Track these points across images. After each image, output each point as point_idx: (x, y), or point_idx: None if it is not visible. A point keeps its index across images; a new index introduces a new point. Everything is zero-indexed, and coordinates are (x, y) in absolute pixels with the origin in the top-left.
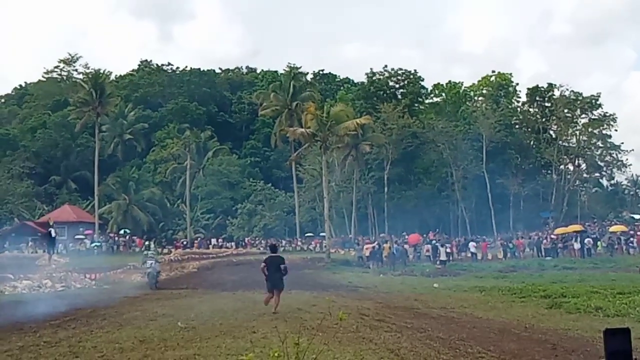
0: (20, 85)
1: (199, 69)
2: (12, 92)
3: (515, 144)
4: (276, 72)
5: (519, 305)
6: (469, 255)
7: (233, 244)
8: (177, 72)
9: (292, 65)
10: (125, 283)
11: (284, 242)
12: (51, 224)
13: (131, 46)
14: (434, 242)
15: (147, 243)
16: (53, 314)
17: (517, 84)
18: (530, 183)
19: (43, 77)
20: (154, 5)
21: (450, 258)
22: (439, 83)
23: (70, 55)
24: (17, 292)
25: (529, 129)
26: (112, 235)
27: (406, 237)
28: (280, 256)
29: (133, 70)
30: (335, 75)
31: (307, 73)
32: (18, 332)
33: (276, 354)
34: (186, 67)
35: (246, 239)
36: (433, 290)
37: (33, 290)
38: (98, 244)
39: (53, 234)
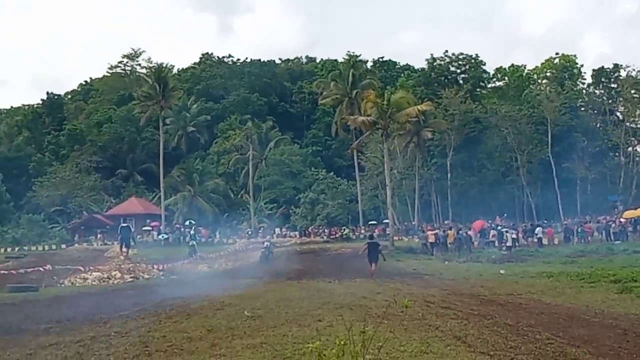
0: (86, 81)
1: (259, 60)
2: (78, 88)
3: (581, 127)
4: (336, 60)
5: (588, 291)
6: (535, 240)
7: (296, 233)
8: (238, 63)
9: (352, 54)
10: (192, 273)
11: (346, 230)
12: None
13: (192, 39)
14: (499, 227)
15: (187, 222)
16: (122, 304)
17: (582, 65)
18: (598, 166)
19: (107, 72)
20: None
21: (517, 244)
22: (501, 67)
23: (133, 50)
24: (87, 284)
25: (595, 111)
26: (178, 226)
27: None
28: (377, 242)
29: (195, 64)
30: (395, 62)
31: (367, 61)
32: (89, 323)
33: (342, 342)
34: (247, 58)
35: (309, 228)
36: (499, 277)
37: (102, 281)
38: (165, 235)
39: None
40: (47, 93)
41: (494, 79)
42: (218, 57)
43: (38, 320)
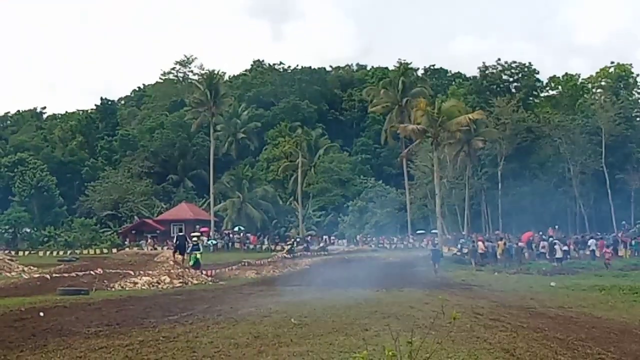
0: (139, 87)
1: (310, 67)
2: (131, 94)
3: (636, 137)
4: (386, 68)
5: None
6: (588, 253)
7: (345, 241)
8: (289, 71)
9: (403, 61)
10: (240, 279)
11: (395, 239)
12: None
13: (244, 46)
14: (551, 239)
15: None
16: (171, 309)
17: (638, 75)
18: None
19: (160, 78)
20: (266, 5)
21: (568, 256)
22: (554, 76)
23: (185, 56)
24: (137, 288)
25: None
26: (227, 232)
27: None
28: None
29: (246, 70)
30: (447, 70)
31: (418, 69)
32: (138, 327)
33: (391, 353)
34: (297, 65)
35: (358, 236)
36: (550, 289)
37: (152, 286)
38: (214, 241)
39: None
40: (101, 98)
41: (547, 88)
42: (269, 64)
43: (88, 323)
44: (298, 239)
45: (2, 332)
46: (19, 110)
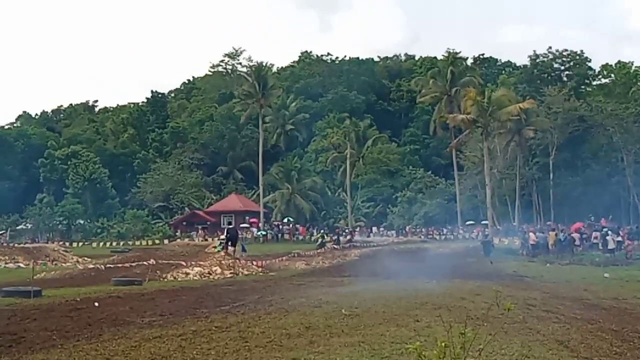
0: (189, 80)
1: (358, 57)
2: (181, 86)
3: None
4: (435, 58)
5: None
6: None
7: (394, 232)
8: (337, 62)
9: (451, 51)
10: (290, 270)
11: (444, 230)
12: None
13: (292, 38)
14: (604, 229)
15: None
16: (223, 300)
17: None
18: None
19: (209, 71)
20: None
21: (621, 247)
22: (607, 64)
23: (234, 49)
24: (188, 279)
25: None
26: (276, 223)
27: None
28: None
29: (294, 62)
30: (496, 59)
31: (467, 58)
32: (191, 317)
33: (443, 344)
34: (345, 56)
35: (407, 227)
36: (604, 280)
37: (203, 276)
38: (264, 232)
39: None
40: (152, 91)
41: (600, 76)
42: (317, 55)
43: (142, 313)
44: (346, 230)
45: (59, 321)
46: (71, 104)
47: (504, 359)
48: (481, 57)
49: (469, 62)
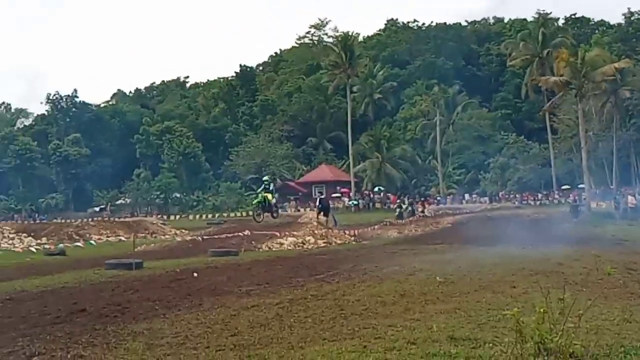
0: (276, 53)
1: (445, 23)
2: (269, 59)
3: None
4: (525, 20)
5: None
6: None
7: (486, 198)
8: (424, 28)
9: (542, 12)
10: (383, 238)
11: (539, 195)
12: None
13: (377, 6)
14: None
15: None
16: (317, 269)
17: None
18: None
19: (296, 43)
20: None
21: None
22: None
23: (320, 20)
24: (283, 249)
25: None
26: (367, 192)
27: None
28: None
29: (380, 30)
30: (589, 19)
31: (558, 18)
32: (287, 286)
33: (542, 310)
34: (432, 22)
35: (500, 193)
36: None
37: (297, 246)
38: (355, 201)
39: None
40: (240, 65)
41: None
42: (403, 22)
43: (239, 282)
44: (438, 198)
45: (160, 292)
46: (163, 81)
47: (605, 324)
48: (573, 17)
49: (561, 22)
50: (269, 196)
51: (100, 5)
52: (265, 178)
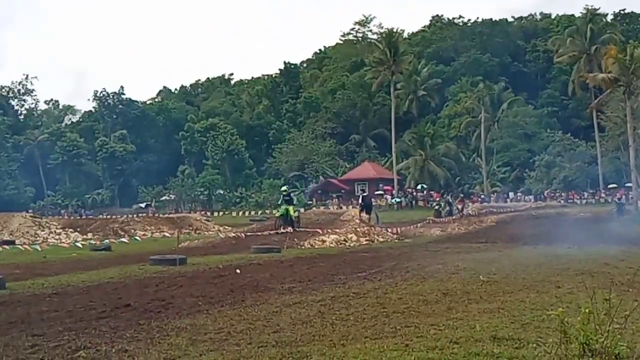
0: (320, 50)
1: (491, 19)
2: (313, 56)
3: None
4: (572, 16)
5: None
6: None
7: (531, 197)
8: (469, 24)
9: (590, 7)
10: (426, 237)
11: (585, 194)
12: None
13: (422, 2)
14: None
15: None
16: (359, 266)
17: None
18: None
19: (340, 39)
20: None
21: None
22: None
23: (364, 16)
24: (325, 246)
25: None
26: (410, 190)
27: None
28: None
29: (425, 26)
30: (638, 14)
31: (607, 14)
32: (329, 284)
33: (587, 310)
34: (477, 18)
35: (545, 191)
36: None
37: (339, 244)
38: (398, 199)
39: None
40: (284, 63)
41: None
42: (448, 18)
43: (282, 279)
44: (482, 196)
45: (204, 288)
46: (208, 78)
47: None
48: (622, 12)
49: (609, 18)
50: (291, 210)
51: (147, 4)
52: (283, 188)
